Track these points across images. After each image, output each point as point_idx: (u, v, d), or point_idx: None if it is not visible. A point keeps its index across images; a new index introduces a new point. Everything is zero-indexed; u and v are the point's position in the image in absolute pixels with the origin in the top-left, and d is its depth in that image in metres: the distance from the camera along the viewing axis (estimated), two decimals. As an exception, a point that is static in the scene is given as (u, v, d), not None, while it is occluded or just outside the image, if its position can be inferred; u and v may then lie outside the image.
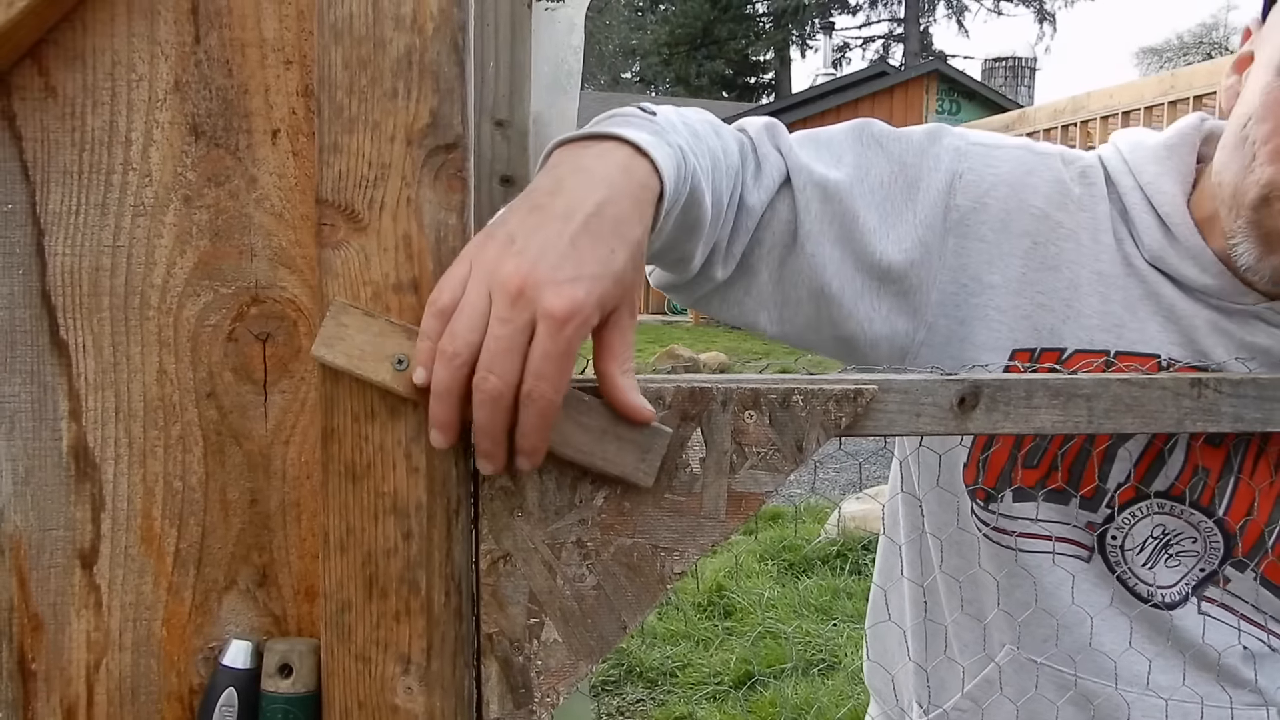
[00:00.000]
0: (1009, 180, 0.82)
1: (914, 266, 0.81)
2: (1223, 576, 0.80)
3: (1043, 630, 0.82)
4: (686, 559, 0.62)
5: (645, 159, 0.62)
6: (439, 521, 0.59)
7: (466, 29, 0.58)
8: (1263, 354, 0.79)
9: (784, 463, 0.62)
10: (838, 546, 4.35)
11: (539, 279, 0.53)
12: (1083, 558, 0.81)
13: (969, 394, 0.64)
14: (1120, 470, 0.79)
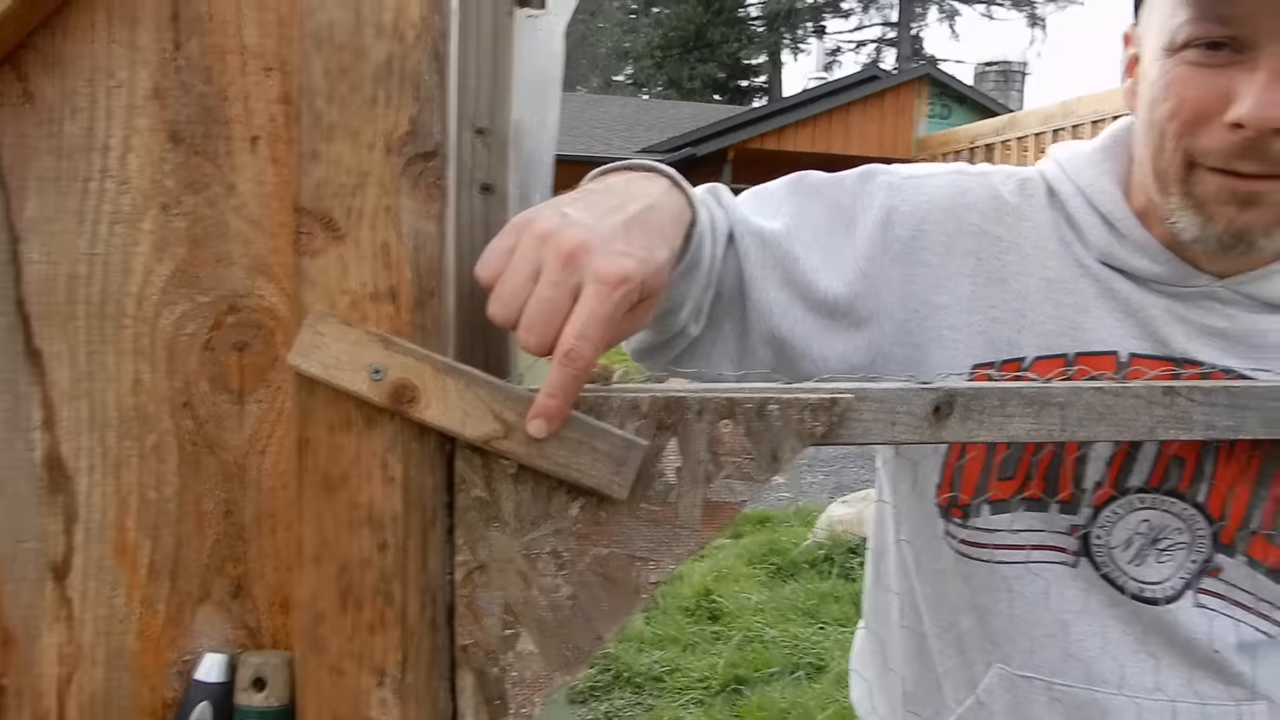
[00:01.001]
0: (943, 204, 0.84)
1: (860, 298, 0.83)
2: (1215, 566, 0.81)
3: (1029, 642, 0.82)
4: (662, 569, 0.62)
5: (681, 191, 0.67)
6: (415, 533, 0.58)
7: (447, 37, 0.58)
8: (1220, 336, 0.80)
9: (759, 472, 0.62)
10: (825, 550, 4.36)
11: (592, 245, 0.56)
12: (1069, 563, 0.82)
13: (944, 403, 0.64)
14: (1095, 470, 0.80)
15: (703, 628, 3.77)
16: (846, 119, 15.49)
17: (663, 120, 18.97)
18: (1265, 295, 0.80)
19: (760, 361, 0.83)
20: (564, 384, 0.55)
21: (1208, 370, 0.79)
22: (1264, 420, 0.68)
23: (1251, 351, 0.80)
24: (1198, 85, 0.73)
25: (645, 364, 0.86)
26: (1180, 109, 0.74)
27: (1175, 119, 0.75)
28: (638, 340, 0.83)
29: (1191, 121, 0.74)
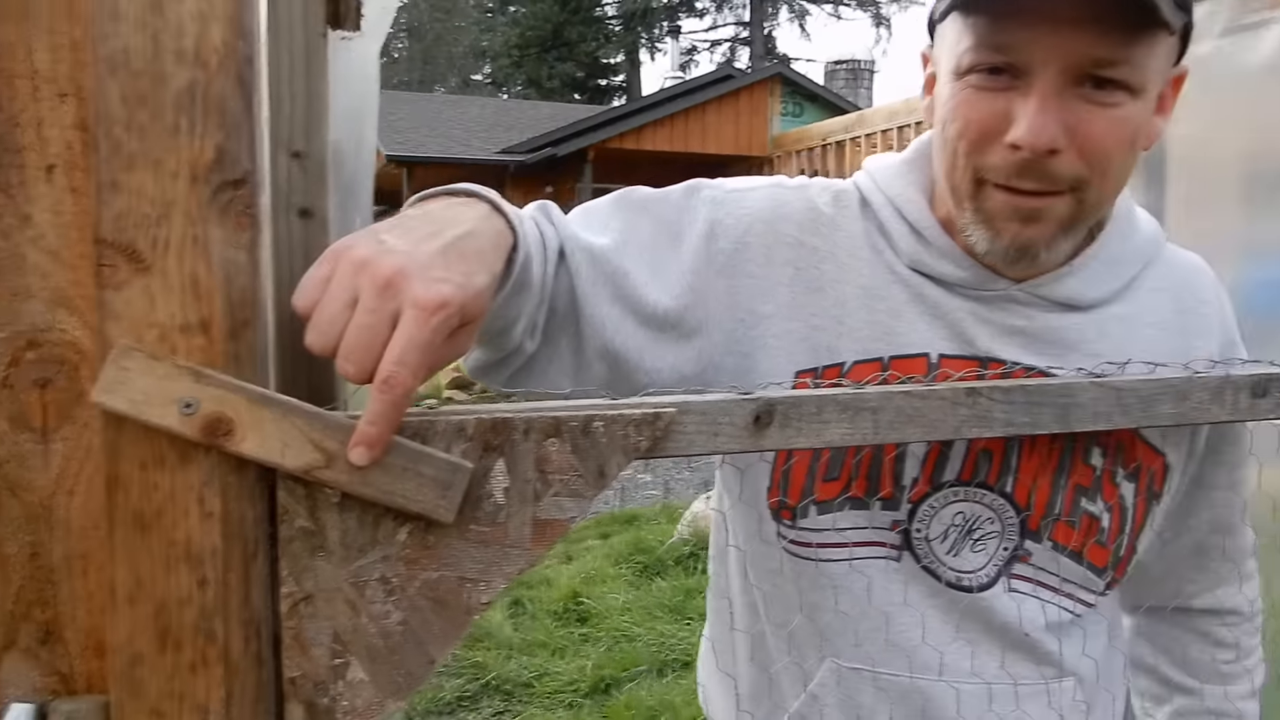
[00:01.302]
0: (763, 217, 0.88)
1: (689, 310, 0.85)
2: (1025, 551, 0.86)
3: (858, 636, 0.86)
4: (493, 589, 0.62)
5: (501, 215, 0.67)
6: (236, 566, 0.57)
7: (253, 62, 0.57)
8: (1020, 335, 0.86)
9: (587, 488, 0.63)
10: (690, 546, 4.42)
11: (410, 271, 0.56)
12: (892, 557, 0.86)
13: (764, 412, 0.67)
14: (913, 467, 0.85)
15: (571, 630, 3.78)
16: (703, 118, 15.71)
17: (522, 120, 18.85)
18: (1058, 296, 0.86)
19: (596, 376, 0.85)
20: (384, 411, 0.55)
21: (1010, 367, 0.84)
22: (1057, 415, 0.73)
23: (1049, 348, 0.86)
24: (981, 108, 0.78)
25: (484, 381, 0.86)
26: (967, 129, 0.79)
27: (963, 138, 0.79)
28: (475, 358, 0.84)
29: (977, 141, 0.79)
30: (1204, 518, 0.96)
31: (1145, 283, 0.90)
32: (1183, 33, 0.79)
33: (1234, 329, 0.95)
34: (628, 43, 31.50)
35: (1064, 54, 0.74)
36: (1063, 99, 0.75)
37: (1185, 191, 2.00)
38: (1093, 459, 0.86)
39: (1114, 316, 0.88)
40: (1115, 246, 0.88)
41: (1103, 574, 0.88)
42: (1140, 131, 0.79)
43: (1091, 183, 0.78)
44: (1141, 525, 0.88)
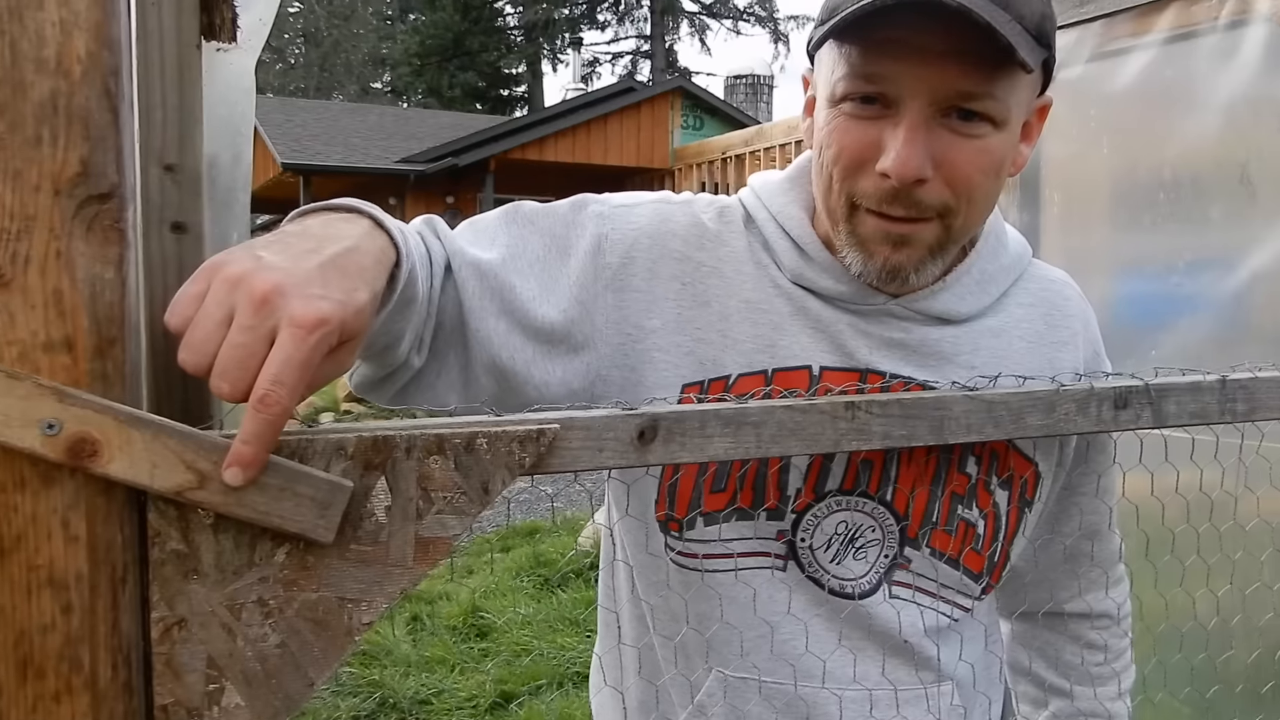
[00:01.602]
0: (649, 232, 0.89)
1: (576, 324, 0.85)
2: (905, 558, 0.89)
3: (745, 645, 0.87)
4: (375, 609, 0.61)
5: (384, 231, 0.67)
6: (103, 592, 0.55)
7: (120, 73, 0.56)
8: (899, 347, 0.89)
9: (470, 505, 0.62)
10: (591, 558, 4.42)
11: (287, 288, 0.55)
12: (778, 567, 0.87)
13: (648, 427, 0.67)
14: (796, 477, 0.86)
15: (471, 646, 3.74)
16: (605, 130, 15.76)
17: (422, 129, 18.63)
18: (934, 310, 0.89)
19: (484, 390, 0.84)
20: (259, 431, 0.54)
21: (889, 378, 0.87)
22: (932, 428, 0.75)
23: (926, 360, 0.89)
24: (854, 135, 0.80)
25: (370, 398, 0.85)
26: (841, 156, 0.81)
27: (838, 164, 0.82)
28: (360, 375, 0.83)
29: (850, 167, 0.81)
30: (1074, 524, 1.00)
31: (1015, 298, 0.94)
32: (1045, 65, 0.83)
33: (1099, 341, 1.00)
34: (529, 53, 31.42)
35: (931, 87, 0.77)
36: (930, 129, 0.78)
37: (1058, 210, 2.09)
38: (968, 468, 0.89)
39: (987, 330, 0.91)
40: (986, 263, 0.92)
41: (979, 579, 0.91)
42: (1005, 160, 0.83)
43: (958, 210, 0.81)
44: (1015, 531, 0.92)
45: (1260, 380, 0.86)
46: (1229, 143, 1.81)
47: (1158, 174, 1.92)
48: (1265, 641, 1.49)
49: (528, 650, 3.65)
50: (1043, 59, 0.80)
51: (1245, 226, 1.80)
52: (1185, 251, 1.89)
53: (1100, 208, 2.04)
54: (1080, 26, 1.98)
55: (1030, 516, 0.93)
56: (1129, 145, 1.96)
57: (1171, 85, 1.87)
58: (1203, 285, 1.85)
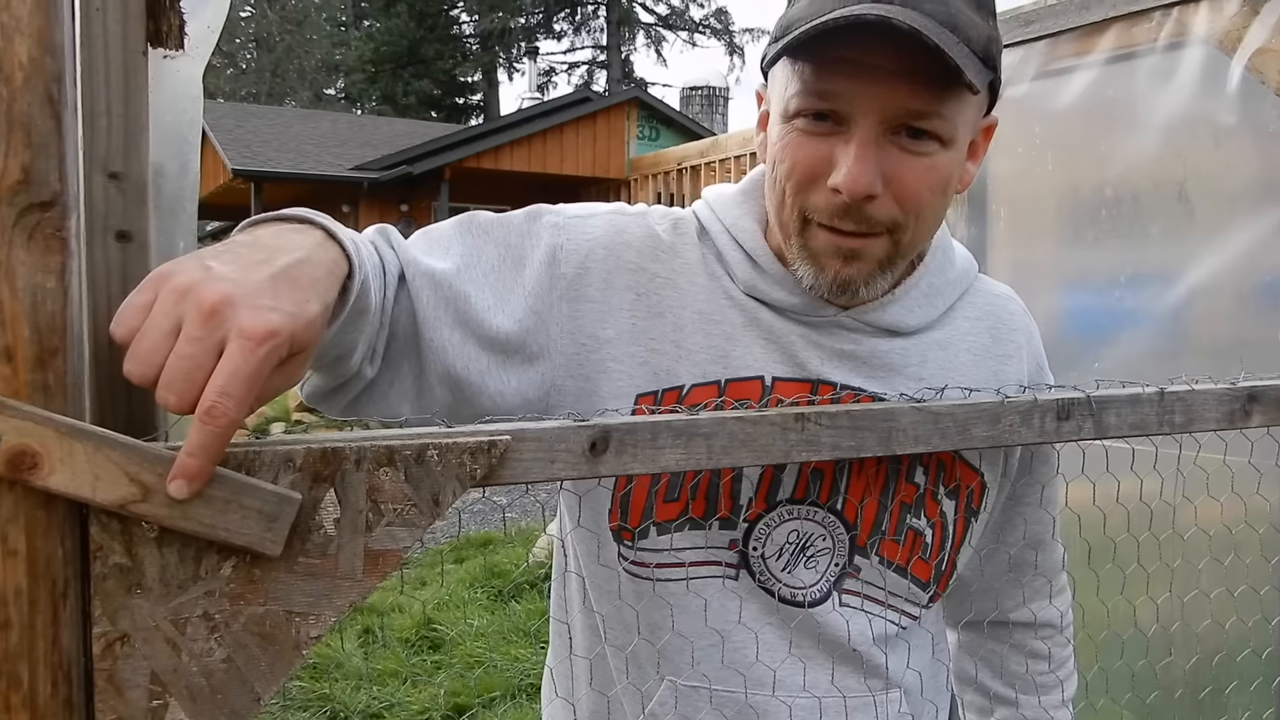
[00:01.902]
0: (604, 243, 0.89)
1: (530, 334, 0.86)
2: (855, 567, 0.90)
3: (698, 654, 0.88)
4: (323, 622, 0.61)
5: (336, 243, 0.66)
6: (42, 607, 0.54)
7: (63, 80, 0.55)
8: (849, 358, 0.90)
9: (421, 518, 0.62)
10: (545, 569, 4.40)
11: (236, 299, 0.54)
12: (730, 576, 0.88)
13: (599, 439, 0.67)
14: (748, 487, 0.87)
15: (424, 658, 3.70)
16: (561, 139, 15.75)
17: (376, 137, 18.49)
18: (883, 323, 0.90)
19: (438, 400, 0.84)
20: (205, 443, 0.53)
21: (840, 389, 0.88)
22: (880, 439, 0.76)
23: (876, 371, 0.90)
24: (807, 150, 0.82)
25: (323, 409, 0.84)
26: (794, 171, 0.83)
27: (790, 179, 0.83)
28: (312, 385, 0.82)
29: (803, 182, 0.82)
30: (1018, 534, 1.02)
31: (961, 311, 0.96)
32: (991, 86, 0.85)
33: (1042, 355, 1.02)
34: (485, 62, 31.34)
35: (882, 105, 0.78)
36: (880, 147, 0.80)
37: (1005, 225, 2.13)
38: (916, 478, 0.90)
39: (934, 342, 0.93)
40: (934, 277, 0.94)
41: (926, 587, 0.92)
42: (951, 178, 0.84)
43: (906, 225, 0.83)
44: (961, 540, 0.93)
45: (1197, 393, 0.89)
46: (1167, 161, 1.86)
47: (1100, 191, 1.96)
48: (1203, 648, 1.53)
49: (481, 662, 3.62)
50: (989, 80, 0.82)
51: (1183, 243, 1.85)
52: (1127, 266, 1.93)
53: (1045, 223, 2.08)
54: (1025, 46, 2.02)
55: (976, 526, 0.94)
56: (1073, 162, 2.01)
57: (1113, 104, 1.92)
58: (1143, 300, 1.90)
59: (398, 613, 4.07)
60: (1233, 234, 1.75)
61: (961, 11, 0.78)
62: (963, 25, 0.78)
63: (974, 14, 0.80)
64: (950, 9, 0.78)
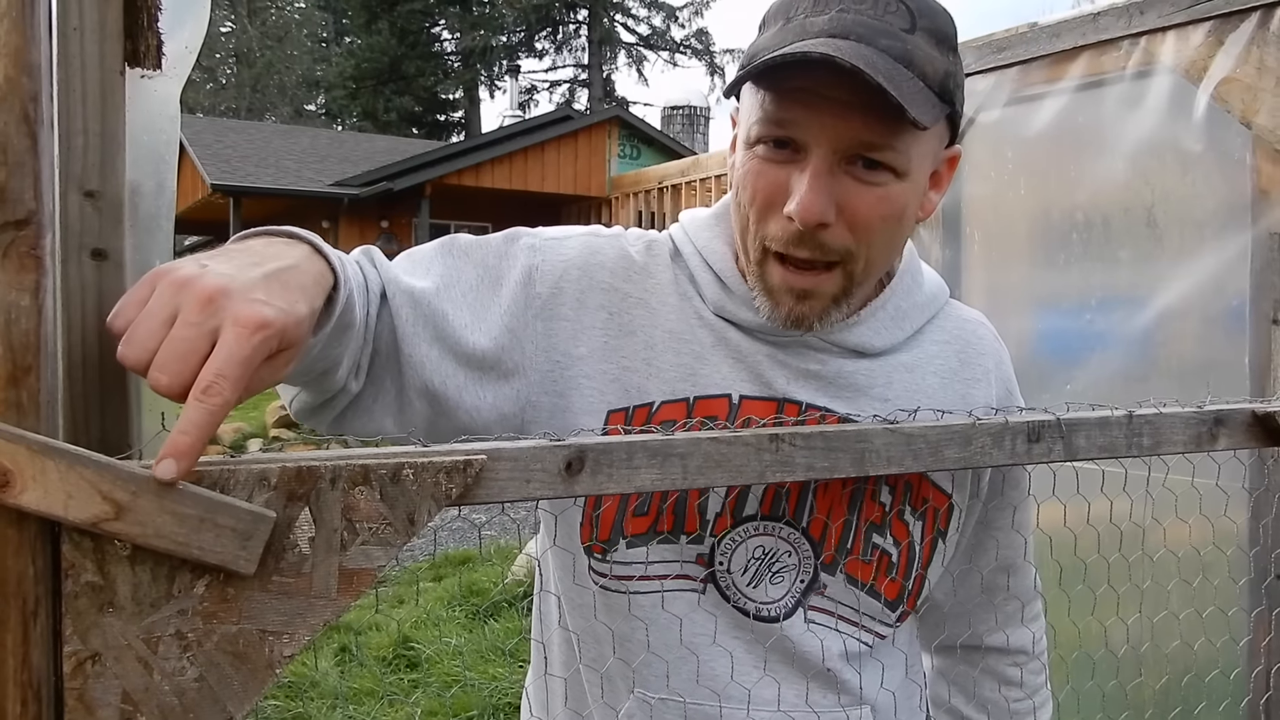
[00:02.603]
0: (578, 264, 0.91)
1: (506, 352, 0.87)
2: (820, 584, 0.90)
3: (664, 668, 0.88)
4: (297, 641, 0.61)
5: (322, 257, 0.68)
6: (12, 626, 0.54)
7: (39, 99, 0.55)
8: (815, 378, 0.91)
9: (396, 536, 0.62)
10: (525, 587, 4.38)
11: (232, 290, 0.57)
12: (698, 590, 0.89)
13: (575, 458, 0.68)
14: (716, 502, 0.88)
15: (401, 677, 3.68)
16: (542, 157, 15.78)
17: (357, 153, 18.47)
18: (849, 343, 0.92)
19: (419, 414, 0.85)
20: (199, 420, 0.54)
21: (805, 408, 0.89)
22: (854, 460, 0.77)
23: (841, 391, 0.91)
24: (767, 178, 0.84)
25: (309, 424, 0.85)
26: (755, 198, 0.85)
27: (753, 206, 0.85)
28: (300, 401, 0.83)
29: (763, 209, 0.84)
30: (990, 556, 1.02)
31: (930, 335, 0.98)
32: (951, 118, 0.87)
33: (1012, 380, 1.03)
34: (467, 79, 31.39)
35: (836, 135, 0.80)
36: (835, 176, 0.81)
37: (979, 248, 2.15)
38: (882, 497, 0.91)
39: (900, 364, 0.94)
40: (901, 300, 0.95)
41: (894, 606, 0.93)
42: (907, 207, 0.86)
43: (858, 254, 0.84)
44: (929, 561, 0.94)
45: (1164, 416, 0.90)
46: (1136, 187, 1.89)
47: (1071, 215, 1.99)
48: (1173, 668, 1.54)
49: (458, 681, 3.60)
50: (943, 114, 0.83)
51: (1152, 267, 1.87)
52: (1097, 290, 1.96)
53: (1018, 246, 2.10)
54: (998, 72, 2.05)
55: (945, 547, 0.95)
56: (1044, 187, 2.04)
57: (1083, 130, 1.95)
58: (1113, 323, 1.93)
59: (374, 631, 4.04)
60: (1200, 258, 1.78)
61: (919, 48, 0.80)
62: (919, 61, 0.80)
63: (932, 49, 0.81)
64: (907, 45, 0.80)
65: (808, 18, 0.81)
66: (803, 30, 0.80)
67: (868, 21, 0.80)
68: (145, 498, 0.55)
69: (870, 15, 0.80)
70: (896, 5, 0.81)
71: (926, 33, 0.81)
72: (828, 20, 0.80)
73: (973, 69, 2.08)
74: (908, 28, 0.80)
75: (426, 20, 31.16)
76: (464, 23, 30.68)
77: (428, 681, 3.63)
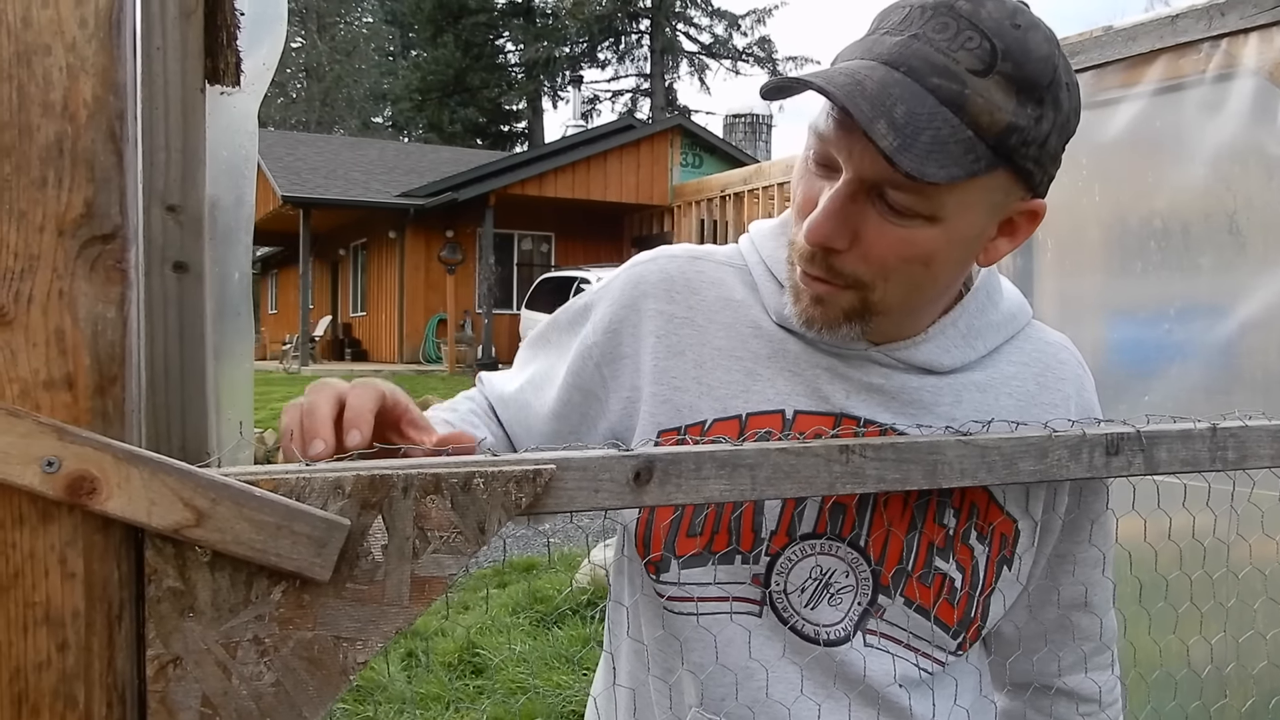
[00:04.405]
0: (624, 301, 0.95)
1: (580, 408, 0.97)
2: (878, 606, 0.88)
3: (722, 689, 0.87)
4: (370, 648, 0.61)
5: None
6: (99, 629, 0.56)
7: (125, 116, 0.57)
8: (877, 392, 0.89)
9: (466, 545, 0.63)
10: (588, 595, 4.39)
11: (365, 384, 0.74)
12: (753, 612, 0.87)
13: (643, 469, 0.68)
14: (772, 519, 0.87)
15: (466, 683, 3.70)
16: (605, 167, 15.87)
17: (422, 164, 18.75)
18: (916, 361, 0.90)
19: None
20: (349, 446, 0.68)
21: (863, 423, 0.87)
22: (925, 472, 0.76)
23: (905, 407, 0.89)
24: (806, 186, 0.84)
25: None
26: (795, 203, 0.85)
27: (798, 213, 0.85)
28: None
29: (799, 216, 0.84)
30: (1066, 593, 0.98)
31: (1007, 355, 0.94)
32: (1025, 170, 0.80)
33: (1094, 407, 0.98)
34: (530, 90, 31.70)
35: (862, 167, 0.78)
36: (858, 204, 0.79)
37: (1052, 256, 2.11)
38: (945, 519, 0.88)
39: (972, 384, 0.91)
40: (973, 318, 0.92)
41: (953, 633, 0.89)
42: (938, 254, 0.81)
43: (873, 284, 0.82)
44: (991, 587, 0.90)
45: (1250, 429, 0.87)
46: (1217, 192, 1.83)
47: (1148, 222, 1.94)
48: (1259, 689, 1.49)
49: (524, 689, 3.62)
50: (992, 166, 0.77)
51: (1234, 275, 1.82)
52: (1176, 299, 1.91)
53: (1092, 254, 2.06)
54: (1072, 75, 2.01)
55: (1008, 574, 0.91)
56: (1120, 193, 1.99)
57: (1161, 135, 1.90)
58: (1193, 333, 1.87)
59: (441, 637, 4.08)
60: (1286, 266, 1.73)
61: (983, 93, 0.75)
62: (973, 108, 0.74)
63: (1004, 97, 0.75)
64: (965, 89, 0.74)
65: (885, 34, 0.78)
66: (870, 49, 0.78)
67: (932, 55, 0.75)
68: (225, 505, 0.57)
69: (941, 48, 0.75)
70: (979, 42, 0.75)
71: (1005, 78, 0.75)
72: (896, 44, 0.76)
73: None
74: (980, 69, 0.75)
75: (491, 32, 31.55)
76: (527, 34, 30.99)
77: (493, 688, 3.65)
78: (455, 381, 13.35)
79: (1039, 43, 0.77)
